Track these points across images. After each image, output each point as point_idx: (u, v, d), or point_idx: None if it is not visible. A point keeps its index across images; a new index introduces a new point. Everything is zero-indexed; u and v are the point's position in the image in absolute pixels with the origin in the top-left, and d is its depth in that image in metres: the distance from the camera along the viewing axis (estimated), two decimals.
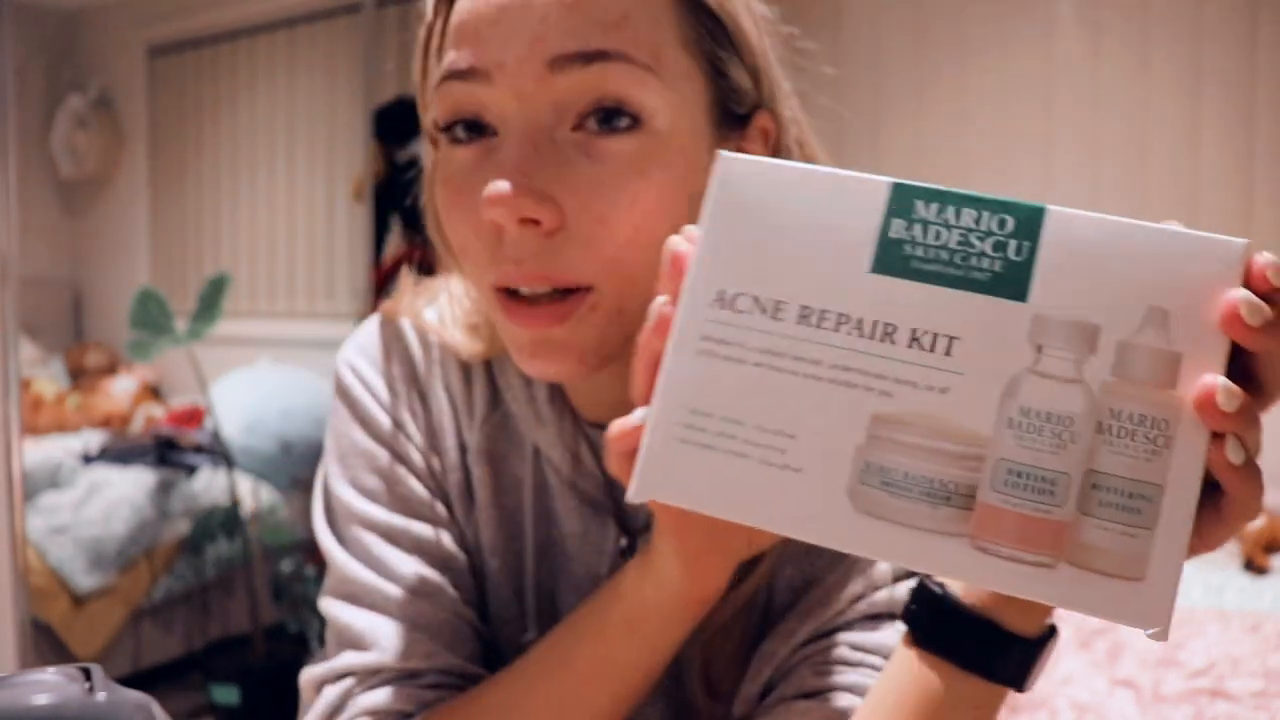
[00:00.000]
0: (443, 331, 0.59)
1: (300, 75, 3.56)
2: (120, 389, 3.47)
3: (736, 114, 0.51)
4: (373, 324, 0.62)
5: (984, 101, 2.53)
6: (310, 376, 3.19)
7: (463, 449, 0.59)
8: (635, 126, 0.46)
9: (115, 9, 3.95)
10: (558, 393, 0.57)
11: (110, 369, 3.79)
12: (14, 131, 1.66)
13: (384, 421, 0.58)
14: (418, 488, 0.58)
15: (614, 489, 0.57)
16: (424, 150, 0.55)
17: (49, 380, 3.56)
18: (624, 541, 0.57)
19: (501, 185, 0.44)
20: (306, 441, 2.94)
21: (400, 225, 2.88)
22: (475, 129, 0.48)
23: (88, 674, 0.32)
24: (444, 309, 0.60)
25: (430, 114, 0.50)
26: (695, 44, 0.48)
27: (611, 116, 0.46)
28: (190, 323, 2.52)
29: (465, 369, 0.59)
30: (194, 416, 3.03)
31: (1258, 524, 2.03)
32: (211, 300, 2.52)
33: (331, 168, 3.48)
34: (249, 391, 3.01)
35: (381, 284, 2.70)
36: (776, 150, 0.53)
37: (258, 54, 3.66)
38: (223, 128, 3.75)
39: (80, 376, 3.71)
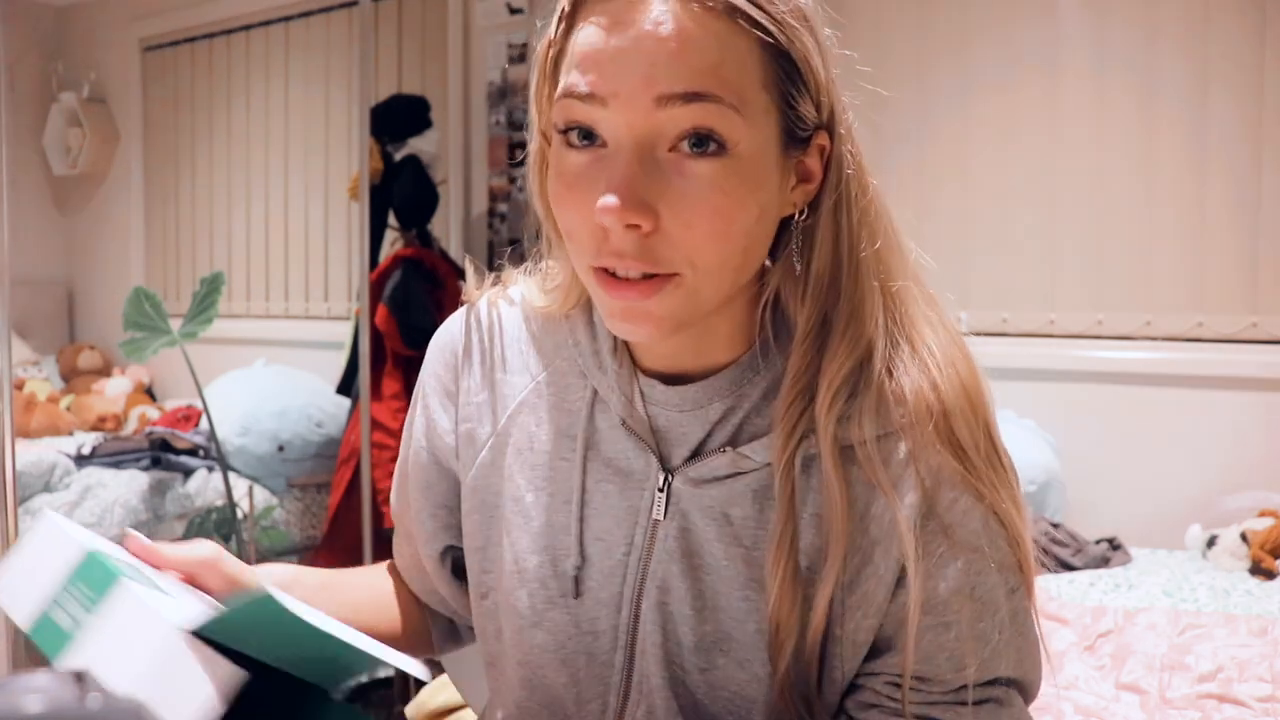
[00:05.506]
0: (530, 297, 0.74)
1: (296, 71, 3.53)
2: (114, 390, 3.45)
3: (800, 137, 0.61)
4: (452, 316, 0.78)
5: (988, 92, 2.52)
6: (306, 377, 3.17)
7: (504, 404, 0.73)
8: (720, 152, 0.56)
9: (108, 5, 3.92)
10: (621, 345, 0.69)
11: (104, 370, 3.76)
12: (6, 129, 1.64)
13: (420, 401, 0.78)
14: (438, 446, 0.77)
15: (656, 432, 0.67)
16: (531, 141, 0.66)
17: (42, 381, 3.54)
18: (663, 477, 0.66)
19: (612, 199, 0.55)
20: (302, 442, 2.92)
21: (397, 223, 2.86)
22: (588, 136, 0.58)
23: (80, 678, 0.33)
24: (528, 285, 0.75)
25: (545, 116, 0.62)
26: (773, 85, 0.58)
27: (703, 141, 0.56)
28: (184, 323, 2.50)
29: (526, 343, 0.74)
30: (189, 418, 3.00)
31: (1265, 526, 2.01)
32: (206, 300, 2.50)
33: (327, 165, 3.46)
34: (244, 393, 2.99)
35: (378, 283, 2.68)
36: (829, 161, 0.62)
37: (253, 50, 3.63)
38: (217, 125, 3.72)
39: (73, 377, 3.69)
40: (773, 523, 0.64)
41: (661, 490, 0.67)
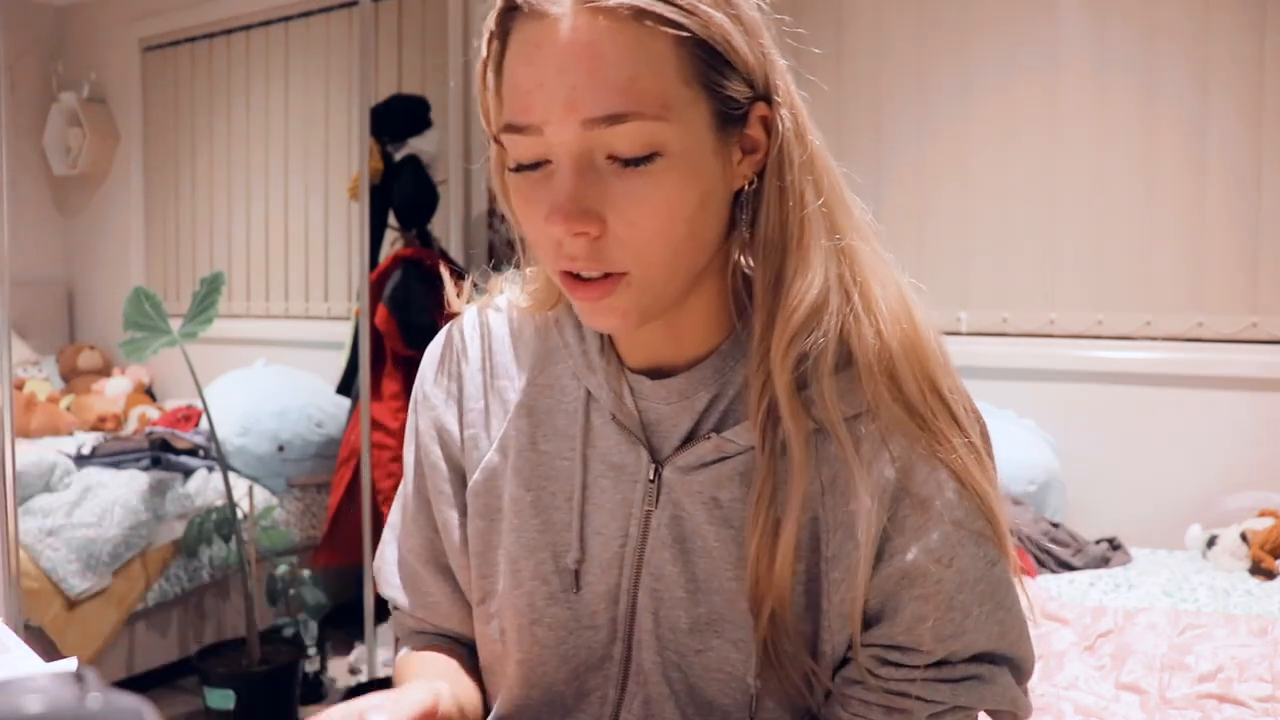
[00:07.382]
0: (514, 301, 0.77)
1: (296, 71, 3.53)
2: (114, 390, 3.45)
3: (735, 115, 0.62)
4: (443, 330, 0.81)
5: (988, 92, 2.52)
6: (306, 377, 3.17)
7: (503, 409, 0.75)
8: (652, 159, 0.59)
9: (108, 5, 3.92)
10: (607, 344, 0.71)
11: (104, 370, 3.77)
12: (6, 129, 1.64)
13: (418, 418, 0.79)
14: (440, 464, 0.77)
15: (647, 426, 0.69)
16: (491, 147, 0.68)
17: (42, 381, 3.54)
18: (653, 471, 0.69)
19: (558, 213, 0.59)
20: (302, 442, 2.93)
21: (397, 223, 2.86)
22: (533, 165, 0.62)
23: (80, 678, 0.33)
24: (511, 290, 0.78)
25: (493, 124, 0.64)
26: (695, 76, 0.60)
27: (633, 159, 0.59)
28: (184, 323, 2.50)
29: (517, 350, 0.76)
30: (188, 418, 3.01)
31: (1265, 526, 2.01)
32: (206, 300, 2.50)
33: (327, 165, 3.46)
34: (244, 393, 2.99)
35: (378, 283, 2.68)
36: (770, 127, 0.64)
37: (253, 50, 3.63)
38: (217, 125, 3.73)
39: (73, 377, 3.69)
40: (755, 485, 0.65)
41: (652, 481, 0.69)
